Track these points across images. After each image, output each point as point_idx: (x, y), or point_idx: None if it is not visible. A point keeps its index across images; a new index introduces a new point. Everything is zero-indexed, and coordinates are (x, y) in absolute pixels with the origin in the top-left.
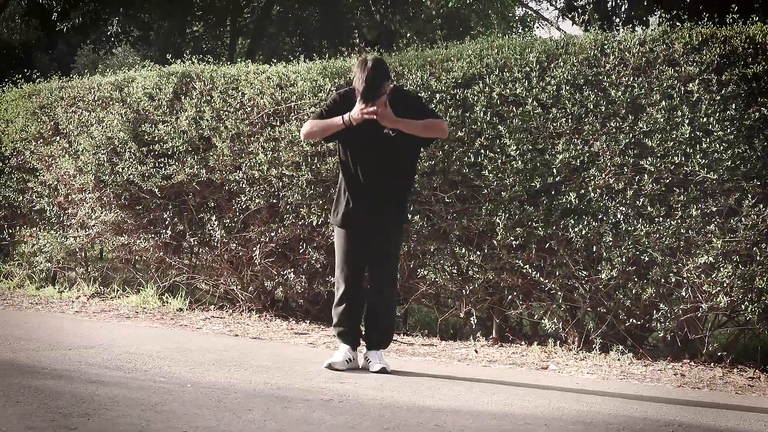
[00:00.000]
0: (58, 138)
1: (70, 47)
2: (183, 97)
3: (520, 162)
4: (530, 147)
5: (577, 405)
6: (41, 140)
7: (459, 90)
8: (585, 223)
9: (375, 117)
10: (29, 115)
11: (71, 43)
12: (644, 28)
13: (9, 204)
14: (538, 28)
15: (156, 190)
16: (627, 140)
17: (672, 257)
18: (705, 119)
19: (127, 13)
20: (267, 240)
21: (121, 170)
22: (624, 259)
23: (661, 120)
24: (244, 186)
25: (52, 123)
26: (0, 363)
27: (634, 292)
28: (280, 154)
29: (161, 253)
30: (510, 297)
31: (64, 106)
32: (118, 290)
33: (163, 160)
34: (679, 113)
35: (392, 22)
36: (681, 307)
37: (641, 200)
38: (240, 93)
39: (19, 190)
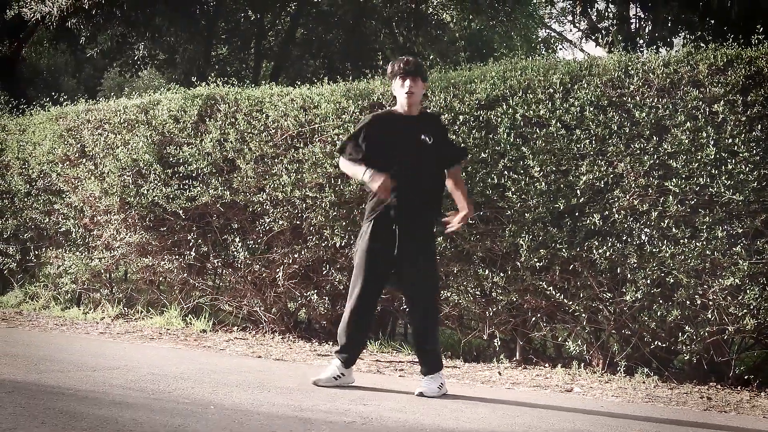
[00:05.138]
0: (84, 160)
1: (97, 71)
2: (207, 120)
3: (543, 183)
4: (554, 168)
5: (602, 429)
6: (68, 162)
7: (482, 111)
8: (609, 244)
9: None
10: (56, 137)
11: (98, 66)
12: (668, 49)
13: (35, 225)
14: (561, 49)
15: (180, 212)
16: (651, 161)
17: (697, 279)
18: (730, 140)
19: (153, 36)
20: (290, 261)
21: (146, 192)
22: (649, 281)
23: (686, 141)
24: (267, 207)
25: (79, 145)
26: (26, 384)
27: (659, 314)
28: (304, 175)
29: (185, 275)
30: (534, 319)
31: (90, 129)
32: (142, 311)
33: (187, 181)
34: (704, 134)
35: (415, 44)
36: (707, 329)
37: (666, 222)
38: (264, 115)
39: (46, 211)
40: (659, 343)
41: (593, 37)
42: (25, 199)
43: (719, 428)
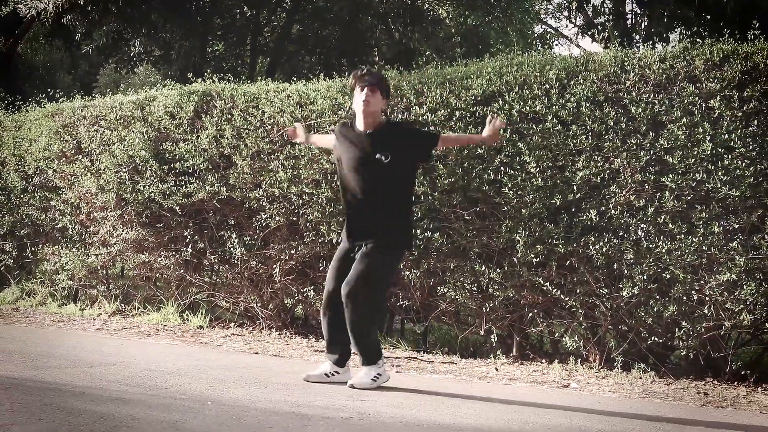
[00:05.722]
0: (80, 156)
1: (93, 67)
2: (204, 116)
3: (540, 179)
4: (550, 164)
5: (598, 424)
6: (64, 159)
7: (479, 107)
8: (606, 240)
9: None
10: (52, 134)
11: (93, 62)
12: (664, 45)
13: (32, 222)
14: (557, 45)
15: (177, 208)
16: (648, 157)
17: (694, 275)
18: (727, 136)
19: (148, 33)
20: (287, 258)
21: (142, 188)
22: (645, 277)
23: (682, 137)
24: (264, 204)
25: (75, 142)
26: (22, 380)
27: (655, 309)
28: (300, 171)
29: (182, 271)
30: (530, 315)
31: (86, 125)
32: (138, 308)
33: (183, 178)
34: (701, 130)
35: (411, 40)
36: (703, 325)
37: (662, 217)
38: (260, 111)
39: (42, 208)
40: (656, 339)
41: (589, 33)
42: (22, 196)
43: (716, 424)
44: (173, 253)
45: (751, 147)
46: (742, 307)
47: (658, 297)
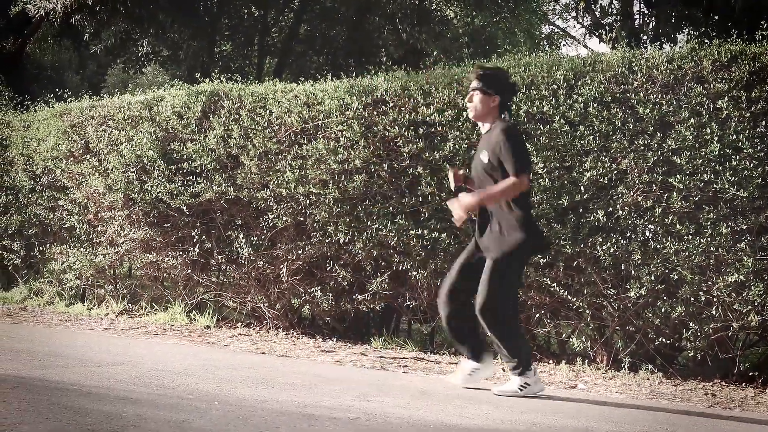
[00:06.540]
0: (88, 156)
1: (101, 67)
2: (211, 116)
3: (547, 180)
4: (557, 165)
5: (606, 425)
6: (72, 158)
7: None
8: (613, 241)
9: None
10: (60, 133)
11: (101, 62)
12: (672, 45)
13: (40, 222)
14: (565, 45)
15: (184, 208)
16: (655, 158)
17: (702, 276)
18: (734, 136)
19: (156, 33)
20: (294, 258)
21: (149, 188)
22: (653, 278)
23: (690, 137)
24: (271, 204)
25: (83, 141)
26: (30, 379)
27: (663, 310)
28: (308, 172)
29: (189, 271)
30: (537, 315)
31: (94, 125)
32: (146, 307)
33: (191, 178)
34: (708, 130)
35: (419, 40)
36: (711, 326)
37: (670, 218)
38: (268, 111)
39: (50, 207)
40: (663, 340)
41: (597, 33)
42: (30, 196)
43: (724, 425)
44: (180, 252)
45: (759, 148)
46: (750, 308)
47: (665, 298)
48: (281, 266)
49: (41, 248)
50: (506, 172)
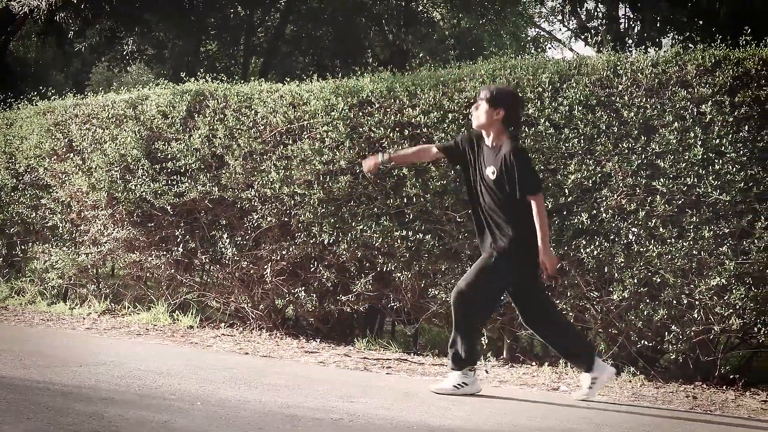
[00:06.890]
0: (71, 155)
1: (85, 65)
2: (196, 115)
3: None
4: (542, 167)
5: (588, 426)
6: (55, 157)
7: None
8: (597, 243)
9: None
10: (43, 132)
11: (86, 61)
12: (657, 49)
13: (22, 220)
14: (550, 48)
15: (168, 208)
16: (639, 161)
17: (684, 279)
18: (718, 141)
19: (142, 31)
20: (278, 258)
21: (133, 187)
22: (636, 281)
23: (674, 141)
24: (256, 204)
25: (66, 140)
26: (11, 379)
27: (645, 313)
28: (292, 172)
29: (172, 271)
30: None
31: (78, 124)
32: (129, 307)
33: (175, 177)
34: (692, 134)
35: (405, 42)
36: (693, 329)
37: (653, 221)
38: (253, 111)
39: (33, 206)
40: (646, 343)
41: (582, 37)
42: (12, 194)
43: (705, 428)
44: (164, 252)
45: (741, 152)
46: (731, 311)
47: (648, 300)
48: (265, 267)
49: (23, 247)
50: (512, 184)
